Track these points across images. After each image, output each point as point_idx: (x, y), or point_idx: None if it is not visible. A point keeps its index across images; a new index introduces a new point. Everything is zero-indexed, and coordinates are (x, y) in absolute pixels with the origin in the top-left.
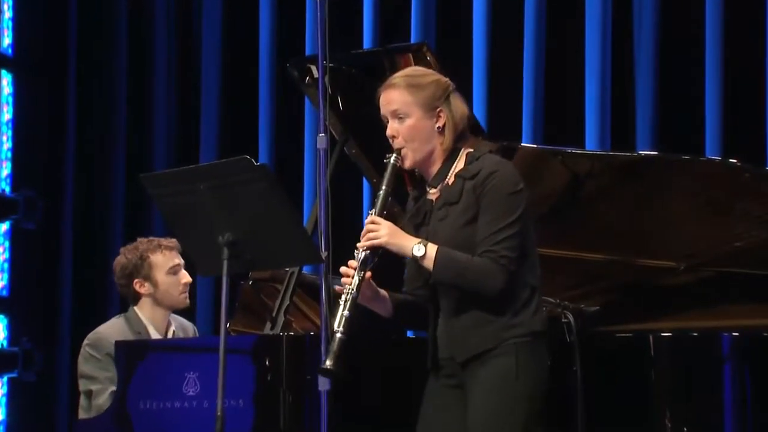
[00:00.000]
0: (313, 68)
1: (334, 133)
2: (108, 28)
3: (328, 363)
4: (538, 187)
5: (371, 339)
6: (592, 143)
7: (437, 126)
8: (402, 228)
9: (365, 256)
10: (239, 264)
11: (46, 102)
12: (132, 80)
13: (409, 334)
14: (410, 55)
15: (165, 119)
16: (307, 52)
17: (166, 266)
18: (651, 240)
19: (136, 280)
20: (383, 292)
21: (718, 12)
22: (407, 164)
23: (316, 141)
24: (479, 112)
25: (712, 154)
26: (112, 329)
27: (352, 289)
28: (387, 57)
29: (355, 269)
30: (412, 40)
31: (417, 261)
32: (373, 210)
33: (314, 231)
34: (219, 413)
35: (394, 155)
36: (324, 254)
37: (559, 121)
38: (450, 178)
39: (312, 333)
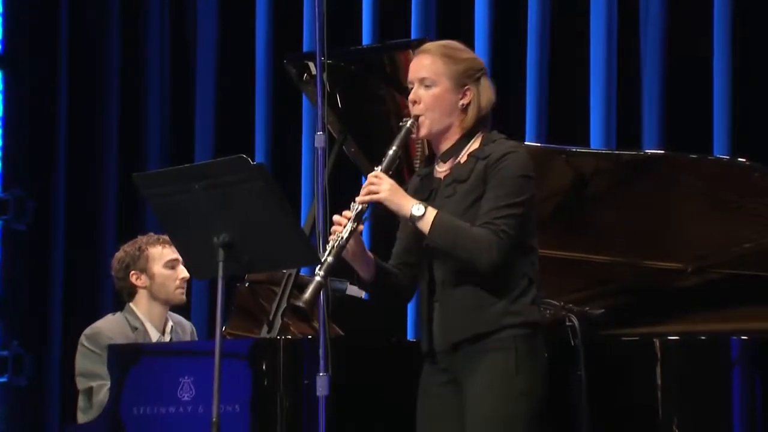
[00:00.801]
0: (311, 65)
1: (332, 131)
2: (100, 24)
3: (302, 302)
4: (542, 187)
5: (370, 341)
6: (597, 142)
7: (461, 103)
8: None
9: (361, 209)
10: (235, 266)
11: (36, 101)
12: (124, 77)
13: (410, 336)
14: (410, 52)
15: (159, 117)
16: (305, 48)
17: (164, 259)
18: (657, 241)
19: (132, 272)
20: (369, 254)
21: (726, 7)
22: (422, 132)
23: (314, 139)
24: None
25: (720, 152)
26: (110, 323)
27: (342, 237)
28: (387, 53)
29: (348, 219)
30: (413, 37)
31: (414, 221)
32: (379, 167)
33: (312, 232)
34: (214, 419)
35: (411, 120)
36: (322, 256)
37: (563, 118)
38: (462, 157)
39: (310, 336)
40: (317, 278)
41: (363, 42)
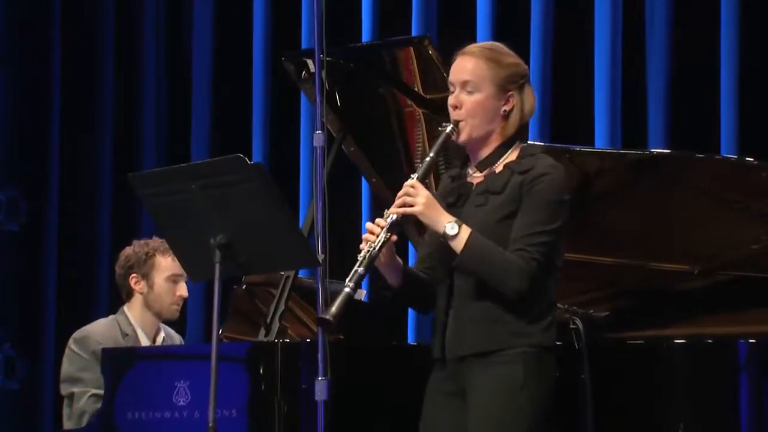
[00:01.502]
0: (310, 62)
1: (331, 130)
2: (94, 22)
3: (329, 314)
4: None
5: (370, 345)
6: (601, 141)
7: (503, 109)
8: None
9: (396, 219)
10: (232, 267)
11: (29, 100)
12: (119, 75)
13: (410, 340)
14: (411, 49)
15: (154, 116)
16: (304, 45)
17: (168, 272)
18: (663, 242)
19: (133, 275)
20: (399, 260)
21: (733, 3)
22: (462, 138)
23: (313, 139)
24: None
25: (727, 151)
26: (101, 328)
27: (374, 248)
28: (387, 51)
29: (382, 228)
30: (413, 34)
31: (446, 239)
32: (415, 175)
33: (311, 233)
34: (211, 424)
35: (451, 125)
36: (321, 257)
37: (567, 117)
38: (498, 167)
39: (308, 340)
40: (346, 289)
41: (363, 39)
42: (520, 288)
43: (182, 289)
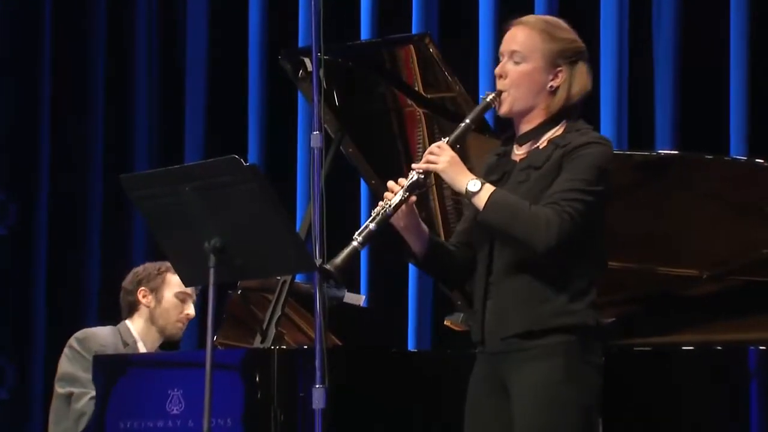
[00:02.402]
0: (307, 61)
1: (329, 130)
2: (84, 18)
3: (331, 265)
4: None
5: (369, 351)
6: None
7: (550, 84)
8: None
9: (417, 178)
10: (227, 272)
11: (18, 101)
12: (110, 74)
13: (411, 346)
14: (411, 47)
15: (146, 115)
16: (301, 43)
17: (178, 288)
18: (671, 247)
19: (141, 288)
20: (425, 228)
21: (743, 1)
22: (503, 110)
23: (310, 139)
24: None
25: (737, 153)
26: (103, 331)
27: (389, 206)
28: (386, 49)
29: (402, 187)
30: (414, 31)
31: (469, 197)
32: (447, 138)
33: (308, 237)
34: None
35: (493, 94)
36: (318, 262)
37: None
38: (543, 143)
39: (305, 346)
40: (354, 243)
41: (362, 37)
42: (547, 240)
43: (190, 309)
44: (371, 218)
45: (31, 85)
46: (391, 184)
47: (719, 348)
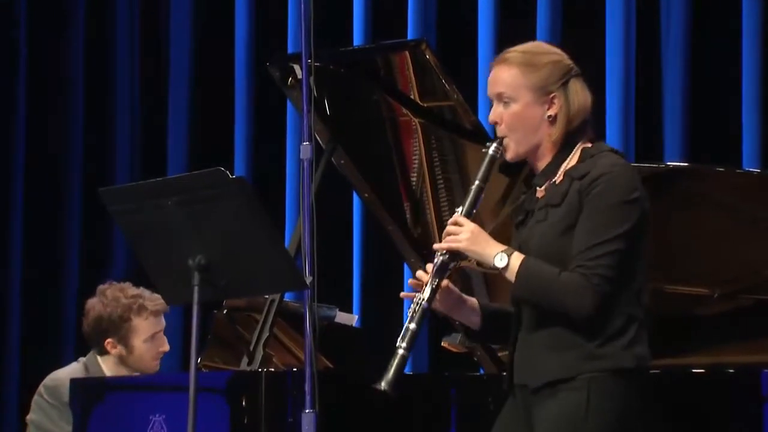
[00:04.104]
0: (297, 68)
1: (320, 141)
2: (63, 22)
3: (384, 384)
4: None
5: (362, 374)
6: None
7: (548, 114)
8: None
9: (442, 261)
10: (212, 291)
11: None
12: (90, 80)
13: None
14: (407, 53)
15: (128, 124)
16: (290, 49)
17: (147, 333)
18: (680, 263)
19: (108, 340)
20: (471, 300)
21: (755, 7)
22: (509, 156)
23: (300, 150)
24: (485, 118)
25: (750, 164)
26: (72, 376)
27: (423, 299)
28: (380, 55)
29: (430, 275)
30: (410, 37)
31: (500, 273)
32: (461, 208)
33: (297, 253)
34: None
35: (495, 144)
36: (308, 280)
37: None
38: (559, 177)
39: (295, 369)
40: (400, 351)
41: (354, 42)
42: (584, 310)
43: (164, 345)
44: (409, 318)
45: (6, 92)
46: (420, 273)
47: (731, 371)
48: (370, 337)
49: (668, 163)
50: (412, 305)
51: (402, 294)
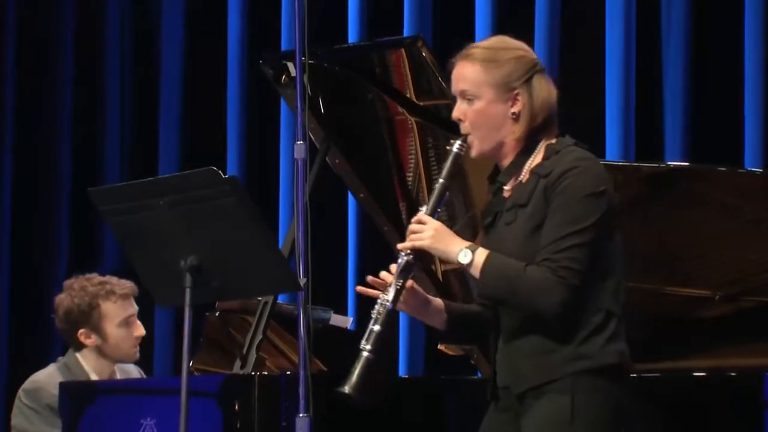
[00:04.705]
0: (290, 65)
1: (314, 140)
2: (52, 25)
3: (347, 387)
4: None
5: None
6: (613, 152)
7: (512, 112)
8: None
9: (407, 261)
10: (204, 293)
11: None
12: (79, 79)
13: (401, 372)
14: (403, 51)
15: (118, 124)
16: (283, 46)
17: (119, 317)
18: (681, 265)
19: (81, 331)
20: (437, 301)
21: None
22: (473, 153)
23: (294, 150)
24: None
25: (752, 164)
26: (52, 378)
27: (387, 300)
28: (376, 52)
29: (394, 276)
30: (406, 34)
31: (465, 270)
32: (425, 207)
33: (291, 254)
34: None
35: (459, 142)
36: (302, 281)
37: (574, 126)
38: (525, 175)
39: (288, 372)
40: (364, 353)
41: (349, 40)
42: (553, 304)
43: (138, 329)
44: (374, 319)
45: None
46: (383, 274)
47: (733, 374)
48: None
49: (669, 163)
50: (376, 306)
51: (358, 288)
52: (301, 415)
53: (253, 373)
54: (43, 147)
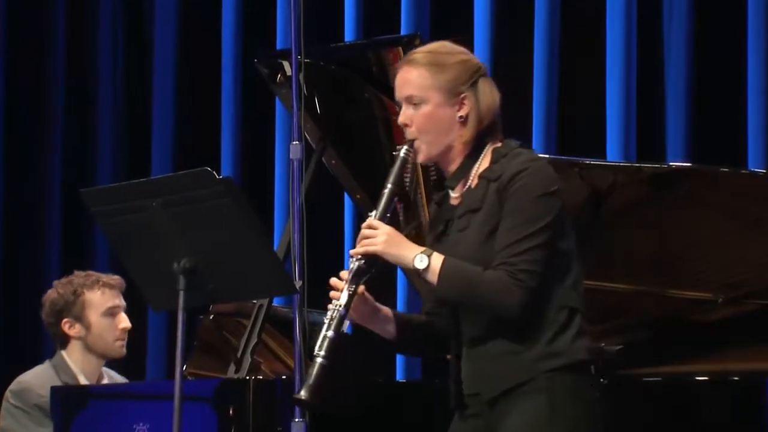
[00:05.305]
0: (286, 65)
1: (310, 140)
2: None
3: (303, 393)
4: None
5: (354, 382)
6: (614, 153)
7: (459, 115)
8: (424, 239)
9: (359, 266)
10: (198, 295)
11: None
12: (70, 77)
13: (399, 376)
14: (400, 50)
15: (110, 123)
16: (279, 45)
17: (103, 306)
18: (683, 267)
19: (65, 320)
20: (385, 309)
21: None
22: (420, 159)
23: (289, 150)
24: None
25: (755, 165)
26: (39, 378)
27: (340, 306)
28: (372, 51)
29: (345, 281)
30: (403, 32)
31: (420, 275)
32: (374, 212)
33: (287, 256)
34: None
35: (406, 147)
36: (298, 284)
37: (575, 127)
38: (473, 180)
39: (284, 376)
40: (318, 360)
41: (346, 38)
42: (512, 307)
43: (123, 321)
44: (326, 325)
45: None
46: (333, 281)
47: (736, 378)
48: (362, 342)
49: (671, 164)
50: (329, 312)
51: (332, 280)
52: (296, 419)
53: (248, 377)
54: (35, 148)
